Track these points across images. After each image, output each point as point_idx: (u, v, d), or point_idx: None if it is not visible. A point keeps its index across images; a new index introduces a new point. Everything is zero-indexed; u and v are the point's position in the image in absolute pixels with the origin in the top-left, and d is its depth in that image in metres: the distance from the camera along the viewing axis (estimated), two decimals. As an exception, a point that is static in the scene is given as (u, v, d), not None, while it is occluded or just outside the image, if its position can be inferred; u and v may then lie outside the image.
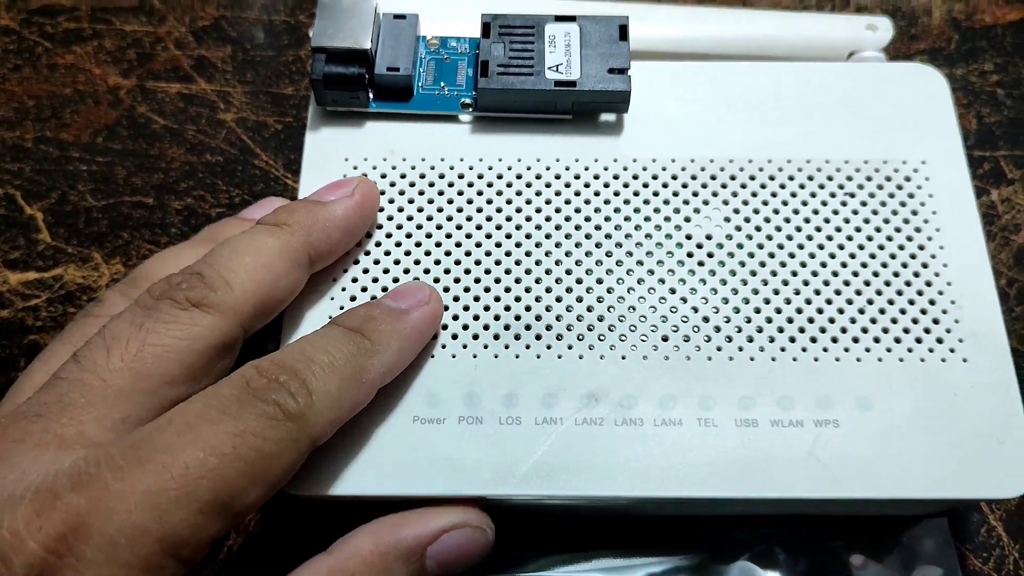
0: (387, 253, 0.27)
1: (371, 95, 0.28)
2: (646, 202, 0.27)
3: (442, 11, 0.30)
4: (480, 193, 0.27)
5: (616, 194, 0.28)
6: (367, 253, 0.27)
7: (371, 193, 0.26)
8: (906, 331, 0.26)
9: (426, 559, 0.23)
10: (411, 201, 0.27)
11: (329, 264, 0.26)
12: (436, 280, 0.26)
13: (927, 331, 0.26)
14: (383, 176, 0.28)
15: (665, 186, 0.28)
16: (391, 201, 0.27)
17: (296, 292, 0.25)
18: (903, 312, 0.26)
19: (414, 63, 0.28)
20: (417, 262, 0.26)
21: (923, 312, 0.26)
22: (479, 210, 0.27)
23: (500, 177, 0.28)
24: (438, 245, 0.27)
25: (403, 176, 0.28)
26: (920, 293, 0.26)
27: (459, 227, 0.27)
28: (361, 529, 0.23)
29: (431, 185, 0.28)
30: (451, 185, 0.28)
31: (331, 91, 0.28)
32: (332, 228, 0.25)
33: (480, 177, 0.28)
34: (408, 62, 0.28)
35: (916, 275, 0.26)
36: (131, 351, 0.21)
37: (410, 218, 0.27)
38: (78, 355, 0.21)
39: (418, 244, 0.27)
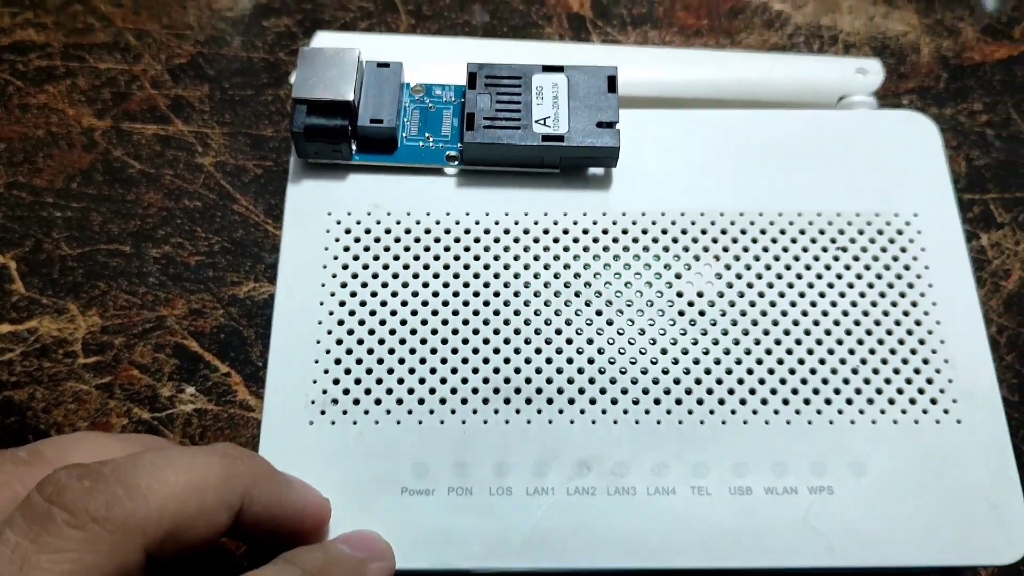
0: (372, 313, 0.26)
1: (354, 147, 0.28)
2: (636, 257, 0.27)
3: (426, 57, 0.30)
4: (467, 249, 0.27)
5: (606, 249, 0.27)
6: (352, 313, 0.26)
7: (325, 512, 0.23)
8: (900, 392, 0.25)
9: None
10: (396, 257, 0.27)
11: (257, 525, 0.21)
12: (423, 341, 0.25)
13: (921, 392, 0.25)
14: (367, 231, 0.27)
15: (655, 241, 0.27)
16: (376, 258, 0.27)
17: (215, 538, 0.20)
18: (896, 372, 0.26)
19: (398, 113, 0.28)
20: (403, 322, 0.26)
21: (916, 372, 0.26)
22: (466, 267, 0.27)
23: (487, 232, 0.27)
24: (424, 304, 0.26)
25: (388, 231, 0.27)
26: (914, 352, 0.26)
27: (446, 285, 0.26)
28: None
29: (417, 241, 0.27)
30: (437, 240, 0.27)
31: (313, 143, 0.27)
32: (282, 492, 0.22)
33: (467, 232, 0.27)
34: (392, 113, 0.27)
35: (909, 333, 0.26)
36: None
37: (395, 276, 0.26)
38: None
39: (404, 303, 0.26)
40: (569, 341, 0.26)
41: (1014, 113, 0.35)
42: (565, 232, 0.27)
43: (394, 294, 0.26)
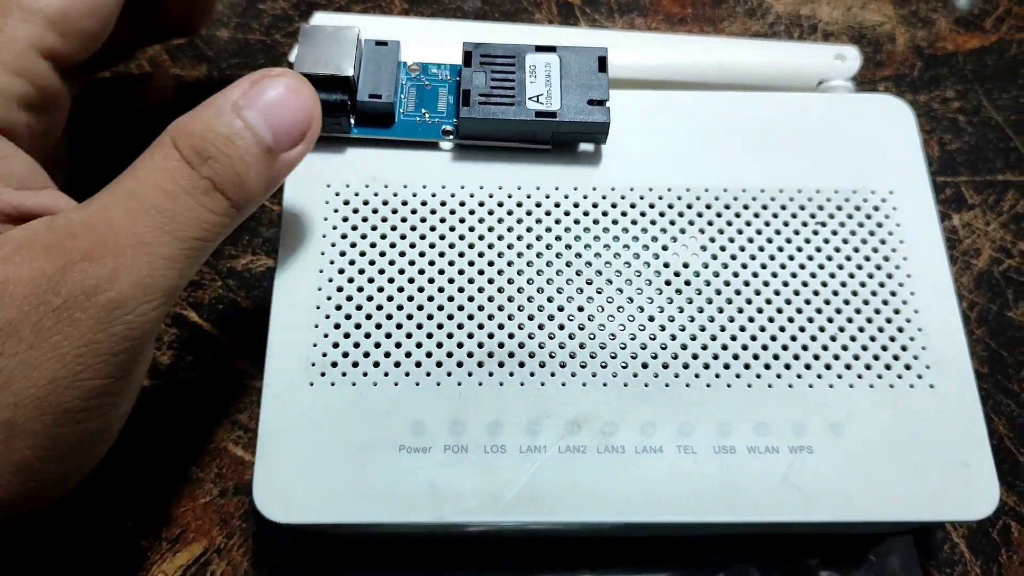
0: (370, 280, 0.27)
1: (352, 121, 0.28)
2: (625, 230, 0.28)
3: (420, 38, 0.31)
4: (462, 220, 0.28)
5: (595, 222, 0.28)
6: (350, 280, 0.27)
7: None
8: (876, 358, 0.27)
9: (242, 111, 0.23)
10: (394, 228, 0.28)
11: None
12: (420, 307, 0.26)
13: (896, 358, 0.27)
14: (365, 203, 0.28)
15: (643, 215, 0.28)
16: (374, 228, 0.28)
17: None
18: (873, 339, 0.27)
19: (396, 90, 0.29)
20: (400, 289, 0.27)
21: (892, 339, 0.27)
22: (461, 237, 0.28)
23: (482, 204, 0.28)
24: (421, 272, 0.27)
25: (385, 202, 0.28)
26: (889, 321, 0.27)
27: (442, 254, 0.27)
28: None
29: (413, 212, 0.28)
30: (433, 212, 0.28)
31: (313, 117, 0.28)
32: None
33: (462, 204, 0.28)
34: (390, 89, 0.28)
35: (885, 303, 0.27)
36: None
37: (393, 245, 0.27)
38: None
39: (401, 271, 0.27)
40: (561, 308, 0.27)
41: (985, 100, 0.37)
42: (556, 205, 0.28)
43: (391, 262, 0.27)
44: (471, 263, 0.27)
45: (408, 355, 0.26)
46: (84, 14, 0.23)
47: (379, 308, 0.26)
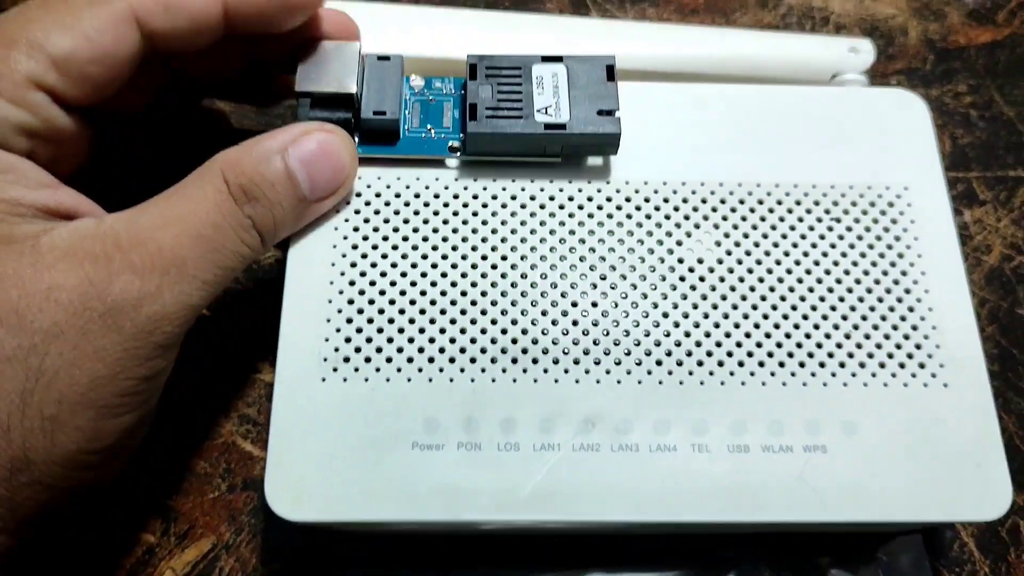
0: (383, 274, 0.27)
1: (357, 139, 0.28)
2: (639, 225, 0.28)
3: (424, 26, 0.30)
4: (475, 214, 0.28)
5: (609, 216, 0.28)
6: (363, 274, 0.26)
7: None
8: (890, 356, 0.26)
9: (288, 158, 0.25)
10: (406, 221, 0.27)
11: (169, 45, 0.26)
12: (432, 302, 0.26)
13: (910, 356, 0.26)
14: (377, 195, 0.28)
15: (657, 209, 0.28)
16: (386, 221, 0.27)
17: (128, 55, 0.25)
18: (887, 337, 0.27)
19: (400, 106, 0.28)
20: (413, 283, 0.26)
21: (906, 337, 0.27)
22: (474, 231, 0.27)
23: (495, 198, 0.28)
24: (434, 266, 0.27)
25: (398, 195, 0.28)
26: (903, 318, 0.27)
27: (455, 248, 0.27)
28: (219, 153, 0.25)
29: (426, 205, 0.28)
30: (446, 205, 0.28)
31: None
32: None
33: (475, 197, 0.28)
34: (395, 105, 0.27)
35: (899, 300, 0.27)
36: None
37: (405, 238, 0.27)
38: None
39: (413, 265, 0.27)
40: (574, 304, 0.26)
41: (996, 95, 0.37)
42: (569, 199, 0.28)
43: (404, 256, 0.27)
44: (484, 257, 0.27)
45: (421, 350, 0.26)
46: (90, 61, 0.24)
47: (391, 303, 0.26)
